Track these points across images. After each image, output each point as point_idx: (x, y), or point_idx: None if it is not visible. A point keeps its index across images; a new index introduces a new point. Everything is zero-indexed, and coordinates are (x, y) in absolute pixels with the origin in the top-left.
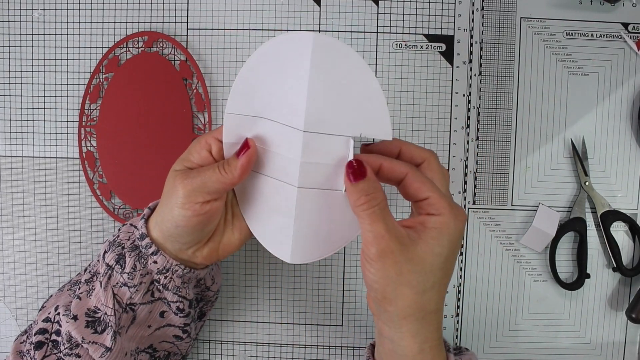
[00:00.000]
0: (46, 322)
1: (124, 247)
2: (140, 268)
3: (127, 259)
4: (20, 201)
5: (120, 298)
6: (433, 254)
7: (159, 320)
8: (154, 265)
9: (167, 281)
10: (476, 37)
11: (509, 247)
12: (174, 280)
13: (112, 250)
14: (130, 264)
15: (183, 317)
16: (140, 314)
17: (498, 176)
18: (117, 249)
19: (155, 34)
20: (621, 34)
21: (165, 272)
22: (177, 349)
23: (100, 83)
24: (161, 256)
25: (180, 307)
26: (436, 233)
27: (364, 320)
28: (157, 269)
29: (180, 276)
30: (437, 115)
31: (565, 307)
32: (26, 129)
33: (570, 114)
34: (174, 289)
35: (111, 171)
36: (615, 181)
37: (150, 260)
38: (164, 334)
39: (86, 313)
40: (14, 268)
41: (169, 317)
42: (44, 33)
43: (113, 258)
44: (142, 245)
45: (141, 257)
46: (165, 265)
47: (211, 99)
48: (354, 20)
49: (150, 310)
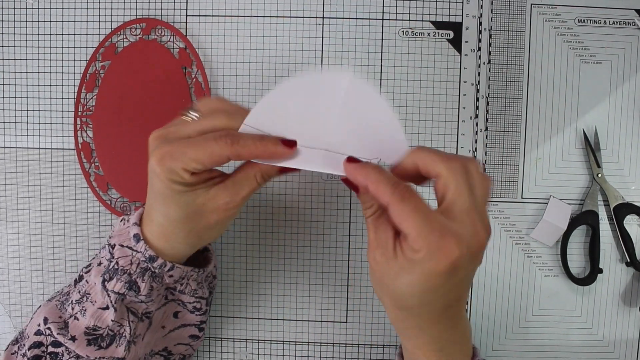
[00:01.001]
0: (39, 335)
1: (130, 274)
2: (157, 287)
3: (141, 284)
4: (14, 194)
5: (136, 310)
6: (405, 281)
7: (172, 320)
8: (170, 279)
9: (183, 287)
10: (485, 24)
11: (519, 241)
12: (190, 284)
13: (117, 278)
14: (147, 287)
15: (200, 315)
16: (155, 318)
17: (508, 168)
18: (123, 277)
19: (153, 21)
20: (634, 21)
21: (182, 280)
22: (192, 349)
23: (97, 72)
24: (177, 269)
25: (197, 306)
26: (409, 265)
27: (369, 317)
28: (174, 280)
29: (195, 279)
30: (445, 105)
31: (577, 303)
32: (20, 119)
33: (582, 103)
34: (191, 292)
35: (108, 162)
36: (628, 173)
37: (166, 276)
38: (179, 336)
39: (85, 332)
40: (7, 263)
41: (183, 316)
42: (39, 20)
43: (123, 286)
44: (154, 267)
45: (156, 276)
46: (181, 275)
47: (211, 88)
48: (359, 7)
49: (164, 312)
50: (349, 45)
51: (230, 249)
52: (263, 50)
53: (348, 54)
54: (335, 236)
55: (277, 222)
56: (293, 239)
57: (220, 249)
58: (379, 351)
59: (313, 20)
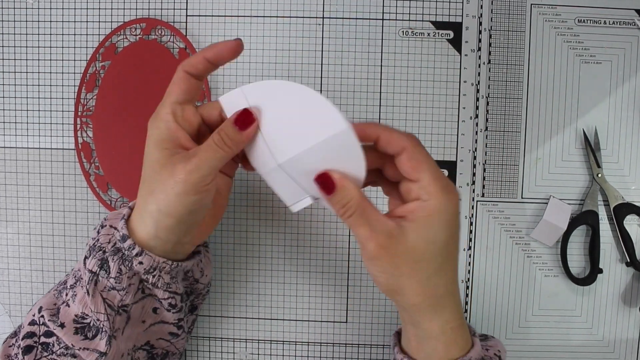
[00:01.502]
0: (32, 325)
1: (105, 252)
2: (126, 271)
3: (111, 263)
4: (14, 194)
5: (111, 301)
6: (427, 242)
7: (152, 315)
8: (139, 266)
9: (155, 280)
10: (485, 24)
11: (519, 241)
12: (163, 277)
13: (93, 255)
14: (115, 268)
15: (176, 313)
16: (134, 312)
17: (508, 168)
18: (98, 254)
19: (153, 21)
20: (634, 21)
21: (153, 271)
22: (175, 347)
23: (97, 72)
24: (146, 256)
25: (172, 303)
26: (427, 221)
27: (369, 317)
28: (144, 269)
29: (168, 272)
30: (445, 105)
31: (577, 303)
32: (20, 119)
33: (582, 103)
34: (164, 286)
35: (108, 162)
36: (628, 173)
37: (135, 261)
38: (160, 331)
39: (74, 320)
40: (7, 263)
41: (162, 313)
42: (39, 20)
43: (96, 264)
44: (124, 248)
45: (125, 259)
46: (152, 265)
47: (211, 88)
48: (359, 7)
49: (142, 306)
50: (349, 45)
51: (230, 249)
52: (263, 50)
53: (348, 54)
54: (335, 236)
55: (277, 222)
56: (293, 239)
57: (220, 249)
58: (379, 351)
59: (313, 20)
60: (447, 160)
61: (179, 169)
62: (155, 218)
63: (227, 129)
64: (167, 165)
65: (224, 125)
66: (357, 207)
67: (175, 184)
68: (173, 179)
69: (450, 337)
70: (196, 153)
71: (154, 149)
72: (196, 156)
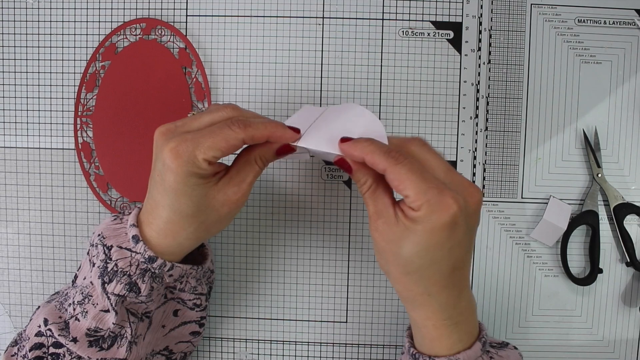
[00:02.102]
0: (39, 337)
1: (130, 275)
2: (157, 287)
3: (141, 285)
4: (14, 194)
5: (135, 310)
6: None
7: (172, 319)
8: (170, 278)
9: (183, 285)
10: (485, 24)
11: (519, 241)
12: (189, 282)
13: (117, 280)
14: (147, 287)
15: (200, 311)
16: (156, 317)
17: (508, 168)
18: (123, 279)
19: (153, 21)
20: (634, 21)
21: (181, 279)
22: (193, 346)
23: (97, 71)
24: (176, 268)
25: (197, 303)
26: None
27: (369, 317)
28: (174, 280)
29: (195, 276)
30: (445, 105)
31: (577, 303)
32: (20, 119)
33: (582, 103)
34: (190, 290)
35: (108, 162)
36: (628, 173)
37: (166, 275)
38: (180, 334)
39: (86, 334)
40: (7, 263)
41: (184, 314)
42: (39, 20)
43: (123, 288)
44: (153, 268)
45: (156, 277)
46: (181, 274)
47: (211, 88)
48: (359, 7)
49: (163, 311)
50: (349, 45)
51: (230, 249)
52: (263, 50)
53: (348, 54)
54: (335, 236)
55: (277, 222)
56: (293, 238)
57: (220, 249)
58: (379, 351)
59: (313, 20)
60: (447, 160)
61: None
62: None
63: (269, 157)
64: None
65: (267, 154)
66: (371, 186)
67: (232, 212)
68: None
69: (432, 333)
70: (244, 179)
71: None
72: (245, 182)
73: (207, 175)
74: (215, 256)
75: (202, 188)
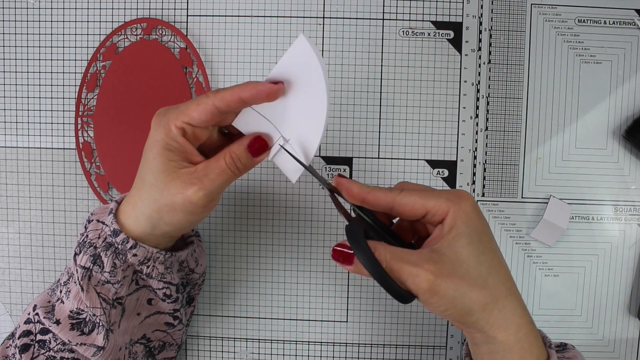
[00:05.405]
0: (28, 324)
1: (96, 247)
2: (120, 264)
3: (104, 258)
4: (15, 193)
5: (106, 295)
6: (465, 246)
7: (147, 307)
8: (134, 258)
9: (150, 270)
10: (485, 24)
11: (519, 240)
12: (157, 267)
13: (84, 251)
14: (109, 262)
15: (171, 303)
16: (129, 305)
17: (508, 167)
18: (89, 250)
19: (154, 21)
20: (634, 21)
21: (147, 262)
22: (172, 337)
23: (98, 71)
24: (140, 248)
25: (167, 293)
26: (453, 230)
27: (369, 317)
28: (138, 261)
29: (162, 262)
30: (445, 105)
31: (577, 303)
32: (21, 119)
33: (582, 103)
34: (158, 276)
35: (108, 162)
36: (628, 173)
37: (129, 254)
38: (155, 322)
39: (69, 316)
40: (8, 262)
41: (157, 304)
42: (39, 20)
43: (88, 260)
44: (117, 242)
45: (119, 253)
46: (146, 256)
47: (212, 88)
48: (359, 7)
49: (137, 298)
50: (349, 45)
51: (230, 249)
52: (263, 50)
53: (348, 54)
54: (335, 236)
55: (277, 222)
56: (293, 238)
57: (220, 249)
58: (379, 351)
59: (313, 20)
60: (448, 160)
61: (191, 191)
62: (153, 223)
63: (240, 154)
64: (176, 180)
65: (237, 150)
66: (385, 260)
67: (186, 204)
68: (182, 197)
69: (525, 345)
70: (207, 174)
71: (159, 156)
72: (207, 177)
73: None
74: (215, 256)
75: (170, 165)
